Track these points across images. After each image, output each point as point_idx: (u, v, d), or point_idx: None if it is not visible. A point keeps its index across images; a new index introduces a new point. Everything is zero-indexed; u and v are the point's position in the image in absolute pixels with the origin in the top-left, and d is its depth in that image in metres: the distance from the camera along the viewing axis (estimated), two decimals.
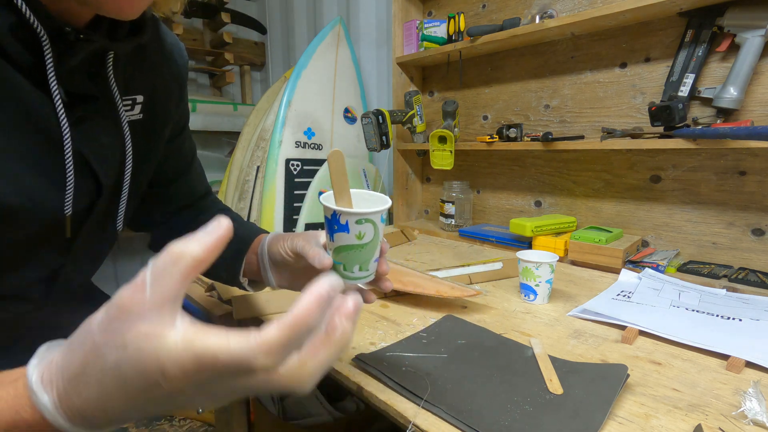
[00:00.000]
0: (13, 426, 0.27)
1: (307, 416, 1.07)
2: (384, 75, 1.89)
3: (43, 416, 0.27)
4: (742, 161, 0.99)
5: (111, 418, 0.27)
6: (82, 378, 0.26)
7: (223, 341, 0.25)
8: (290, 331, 0.26)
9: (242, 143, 1.87)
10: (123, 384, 0.26)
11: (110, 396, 0.26)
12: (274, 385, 0.27)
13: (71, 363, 0.27)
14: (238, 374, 0.26)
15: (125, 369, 0.25)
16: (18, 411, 0.27)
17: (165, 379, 0.25)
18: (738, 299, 0.83)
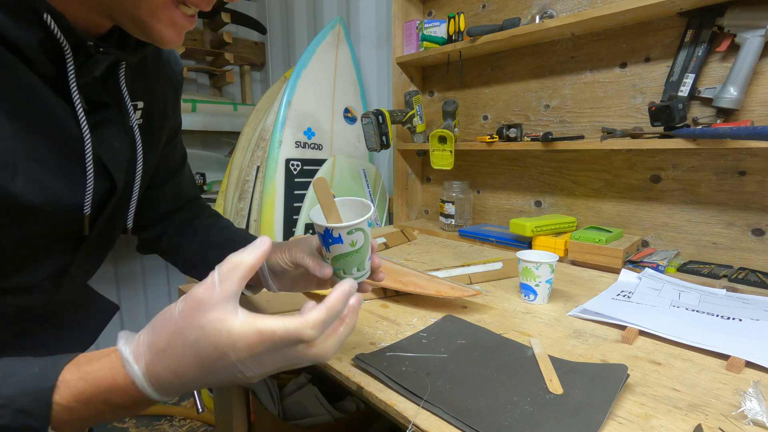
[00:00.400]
0: (110, 389, 0.34)
1: (307, 416, 1.07)
2: (384, 75, 1.89)
3: (133, 382, 0.34)
4: (742, 161, 0.99)
5: (183, 386, 0.35)
6: (166, 353, 0.35)
7: (278, 321, 0.35)
8: (327, 313, 0.37)
9: (242, 143, 1.87)
10: (199, 356, 0.34)
11: (188, 366, 0.34)
12: (308, 355, 0.37)
13: (157, 342, 0.35)
14: (288, 345, 0.35)
15: (203, 344, 0.34)
16: (114, 377, 0.34)
17: (234, 350, 0.34)
18: (738, 299, 0.83)
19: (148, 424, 1.88)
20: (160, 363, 0.35)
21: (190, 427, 1.88)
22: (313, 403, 1.07)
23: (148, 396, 0.35)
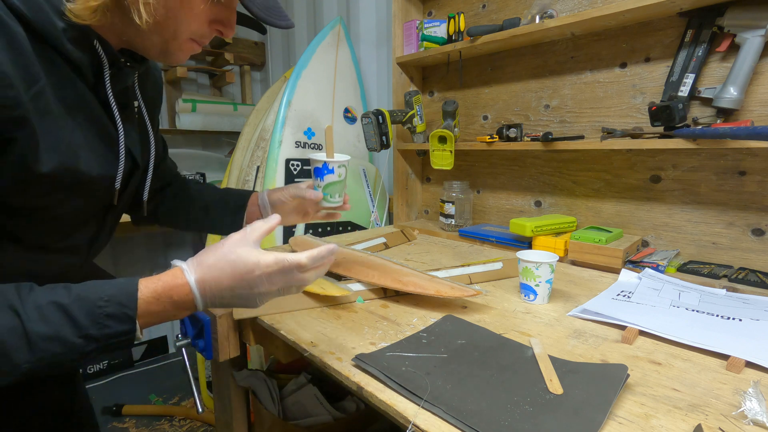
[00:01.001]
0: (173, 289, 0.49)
1: (307, 416, 1.07)
2: (384, 75, 1.89)
3: (188, 284, 0.49)
4: (742, 161, 0.99)
5: (218, 291, 0.50)
6: (212, 267, 0.50)
7: (288, 253, 0.52)
8: (317, 253, 0.53)
9: (242, 143, 1.87)
10: (235, 269, 0.50)
11: (225, 276, 0.50)
12: (299, 278, 0.53)
13: (206, 260, 0.51)
14: (292, 270, 0.52)
15: (238, 262, 0.50)
16: (176, 281, 0.49)
17: (258, 267, 0.50)
18: (738, 299, 0.83)
19: (148, 424, 1.88)
20: (207, 273, 0.50)
21: (190, 427, 1.88)
22: (313, 403, 1.07)
23: (196, 298, 0.49)
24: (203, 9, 0.55)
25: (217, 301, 0.51)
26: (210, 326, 0.80)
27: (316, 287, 0.83)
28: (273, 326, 0.74)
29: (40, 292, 0.43)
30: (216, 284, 0.50)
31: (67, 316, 0.42)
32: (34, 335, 0.41)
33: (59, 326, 0.42)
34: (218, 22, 0.58)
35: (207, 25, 0.57)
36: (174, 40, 0.55)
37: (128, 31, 0.54)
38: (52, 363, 0.42)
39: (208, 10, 0.55)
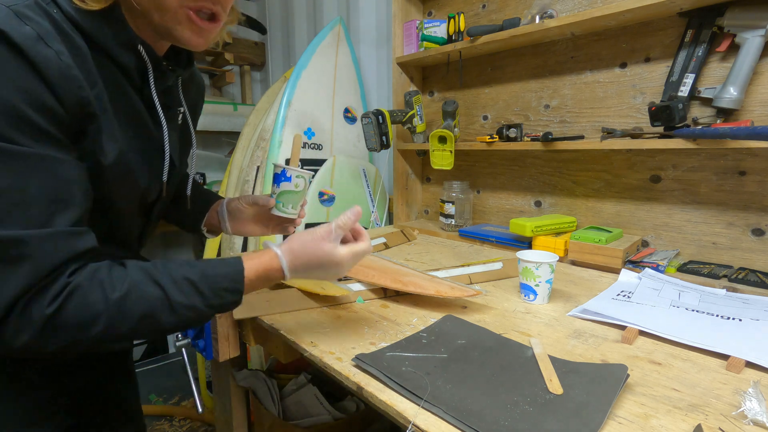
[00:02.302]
0: (270, 269, 0.60)
1: (307, 416, 1.07)
2: (384, 75, 1.89)
3: (281, 268, 0.60)
4: (742, 161, 0.99)
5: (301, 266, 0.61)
6: (299, 254, 0.61)
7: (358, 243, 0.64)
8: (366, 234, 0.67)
9: (242, 143, 1.86)
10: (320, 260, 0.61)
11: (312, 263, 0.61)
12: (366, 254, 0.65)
13: (293, 249, 0.61)
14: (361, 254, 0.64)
15: (321, 255, 0.61)
16: (272, 264, 0.60)
17: (336, 257, 0.61)
18: (738, 299, 0.83)
19: (148, 424, 1.88)
20: (297, 260, 0.61)
21: (190, 427, 1.88)
22: (313, 403, 1.07)
23: (286, 276, 0.61)
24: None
25: (299, 275, 0.63)
26: (210, 326, 0.80)
27: (316, 287, 0.83)
28: (273, 326, 0.74)
29: (172, 268, 0.54)
30: (303, 267, 0.62)
31: (197, 290, 0.54)
32: (176, 304, 0.52)
33: (192, 297, 0.53)
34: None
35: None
36: (167, 12, 0.54)
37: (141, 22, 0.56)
38: (186, 324, 0.55)
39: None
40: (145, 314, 0.50)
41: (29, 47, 0.44)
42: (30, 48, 0.44)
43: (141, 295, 0.50)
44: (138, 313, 0.50)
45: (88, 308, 0.47)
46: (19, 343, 0.45)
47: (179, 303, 0.52)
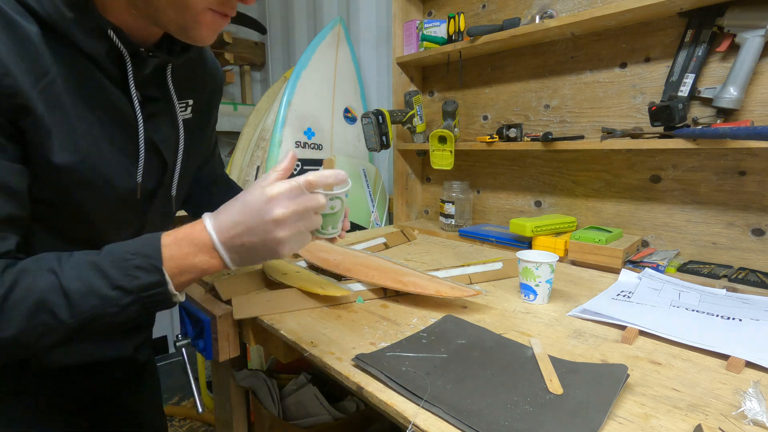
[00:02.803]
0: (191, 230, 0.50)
1: (307, 416, 1.07)
2: (384, 75, 1.89)
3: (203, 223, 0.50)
4: (742, 161, 0.99)
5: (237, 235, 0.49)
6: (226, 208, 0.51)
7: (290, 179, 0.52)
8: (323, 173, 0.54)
9: (242, 143, 1.87)
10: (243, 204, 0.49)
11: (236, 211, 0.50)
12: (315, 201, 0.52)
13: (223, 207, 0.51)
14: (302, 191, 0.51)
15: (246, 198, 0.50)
16: (194, 225, 0.50)
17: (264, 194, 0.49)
18: (738, 299, 0.83)
19: None
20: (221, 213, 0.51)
21: (190, 427, 1.88)
22: (313, 403, 1.07)
23: (211, 234, 0.49)
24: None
25: (236, 241, 0.49)
26: (210, 326, 0.80)
27: (316, 287, 0.83)
28: (273, 326, 0.74)
29: (77, 255, 0.47)
30: (229, 220, 0.49)
31: (99, 270, 0.45)
32: (71, 291, 0.44)
33: (93, 280, 0.45)
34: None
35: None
36: (188, 11, 0.49)
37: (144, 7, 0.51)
38: (94, 317, 0.45)
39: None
40: (34, 310, 0.42)
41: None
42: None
43: (29, 287, 0.43)
44: (24, 309, 0.42)
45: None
46: None
47: (75, 290, 0.44)
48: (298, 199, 0.50)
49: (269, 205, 0.49)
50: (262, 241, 0.50)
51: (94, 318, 0.45)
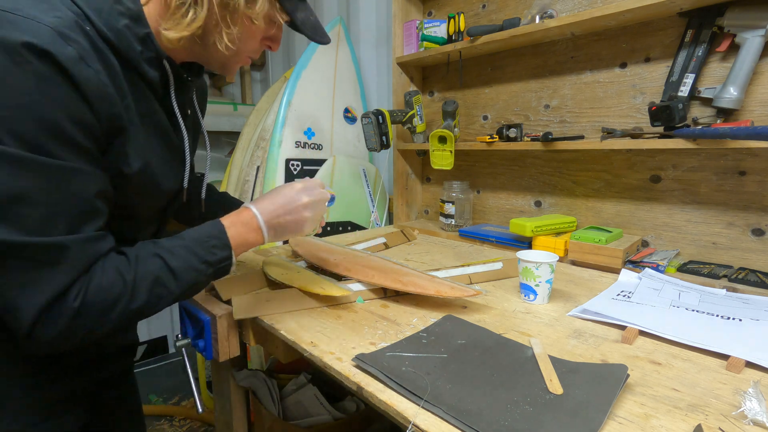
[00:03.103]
0: (241, 213, 0.66)
1: (307, 416, 1.07)
2: (384, 75, 1.89)
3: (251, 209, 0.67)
4: (742, 161, 0.99)
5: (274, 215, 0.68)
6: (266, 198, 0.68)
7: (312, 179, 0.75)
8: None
9: (242, 143, 1.86)
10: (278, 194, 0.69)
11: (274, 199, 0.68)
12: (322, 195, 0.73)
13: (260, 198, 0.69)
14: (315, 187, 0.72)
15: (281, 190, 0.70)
16: (242, 211, 0.67)
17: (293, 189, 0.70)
18: (738, 299, 0.83)
19: (148, 424, 1.88)
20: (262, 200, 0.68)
21: (190, 427, 1.88)
22: (313, 403, 1.07)
23: (257, 216, 0.66)
24: (263, 32, 0.66)
25: (273, 221, 0.67)
26: (210, 326, 0.80)
27: (316, 287, 0.83)
28: (273, 326, 0.74)
29: (165, 242, 0.60)
30: (270, 205, 0.68)
31: (190, 251, 0.59)
32: (176, 269, 0.57)
33: (188, 259, 0.59)
34: (269, 39, 0.68)
35: (260, 42, 0.67)
36: (236, 57, 0.65)
37: (197, 49, 0.64)
38: (191, 285, 0.60)
39: (265, 30, 0.66)
40: (153, 285, 0.56)
41: (72, 68, 0.48)
42: (73, 68, 0.48)
43: (146, 270, 0.56)
44: (147, 284, 0.55)
45: (107, 293, 0.52)
46: (47, 338, 0.49)
47: (179, 267, 0.58)
48: (316, 191, 0.72)
49: (300, 194, 0.70)
50: (294, 221, 0.69)
51: (191, 286, 0.60)
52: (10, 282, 0.48)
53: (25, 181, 0.46)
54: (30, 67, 0.46)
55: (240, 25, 0.61)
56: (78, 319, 0.50)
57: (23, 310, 0.48)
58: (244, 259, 1.11)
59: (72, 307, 0.50)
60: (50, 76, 0.47)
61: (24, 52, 0.45)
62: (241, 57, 0.66)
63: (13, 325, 0.49)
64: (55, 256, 0.49)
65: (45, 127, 0.47)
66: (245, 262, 1.10)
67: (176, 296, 0.59)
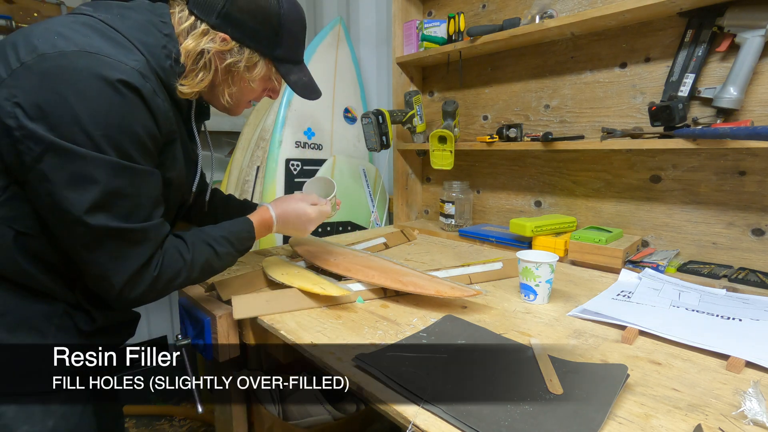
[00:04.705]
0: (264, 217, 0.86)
1: (307, 416, 1.07)
2: (384, 75, 1.89)
3: (272, 219, 0.87)
4: (742, 161, 0.99)
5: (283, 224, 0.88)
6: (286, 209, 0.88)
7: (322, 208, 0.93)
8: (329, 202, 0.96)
9: (242, 143, 1.86)
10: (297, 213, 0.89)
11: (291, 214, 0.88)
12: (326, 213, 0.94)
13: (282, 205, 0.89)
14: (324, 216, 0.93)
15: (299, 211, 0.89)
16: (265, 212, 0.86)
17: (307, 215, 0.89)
18: (738, 299, 0.83)
19: (148, 424, 1.88)
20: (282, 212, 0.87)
21: (190, 427, 1.88)
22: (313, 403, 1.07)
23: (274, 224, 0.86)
24: (262, 87, 0.79)
25: (281, 228, 0.88)
26: (210, 326, 0.80)
27: (316, 287, 0.83)
28: (273, 326, 0.74)
29: (210, 231, 0.76)
30: (284, 216, 0.87)
31: (230, 242, 0.77)
32: (221, 254, 0.75)
33: (229, 247, 0.76)
34: (270, 90, 0.82)
35: (261, 94, 0.81)
36: (239, 104, 0.80)
37: (207, 96, 0.78)
38: (228, 264, 0.78)
39: (266, 84, 0.79)
40: (204, 263, 0.73)
41: (150, 99, 0.62)
42: (150, 99, 0.63)
43: (201, 252, 0.72)
44: (200, 264, 0.72)
45: (175, 267, 0.68)
46: (132, 297, 0.64)
47: (223, 252, 0.75)
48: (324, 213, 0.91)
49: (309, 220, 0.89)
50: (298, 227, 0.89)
51: (227, 264, 0.78)
52: (105, 255, 0.61)
53: (120, 181, 0.60)
54: (126, 97, 0.60)
55: (239, 84, 0.75)
56: (154, 284, 0.66)
57: (116, 276, 0.62)
58: (244, 260, 1.11)
59: (152, 275, 0.65)
60: (138, 104, 0.61)
61: (120, 86, 0.59)
62: (242, 106, 0.81)
63: (105, 288, 0.63)
64: (140, 237, 0.63)
65: (133, 140, 0.61)
66: (245, 262, 1.10)
67: (216, 271, 0.76)
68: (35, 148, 0.56)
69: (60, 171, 0.57)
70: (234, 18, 0.70)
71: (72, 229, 0.60)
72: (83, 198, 0.58)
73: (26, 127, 0.55)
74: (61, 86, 0.56)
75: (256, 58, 0.73)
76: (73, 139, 0.57)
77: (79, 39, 0.59)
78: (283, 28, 0.74)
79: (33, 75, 0.56)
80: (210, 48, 0.69)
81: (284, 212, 0.87)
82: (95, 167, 0.58)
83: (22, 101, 0.56)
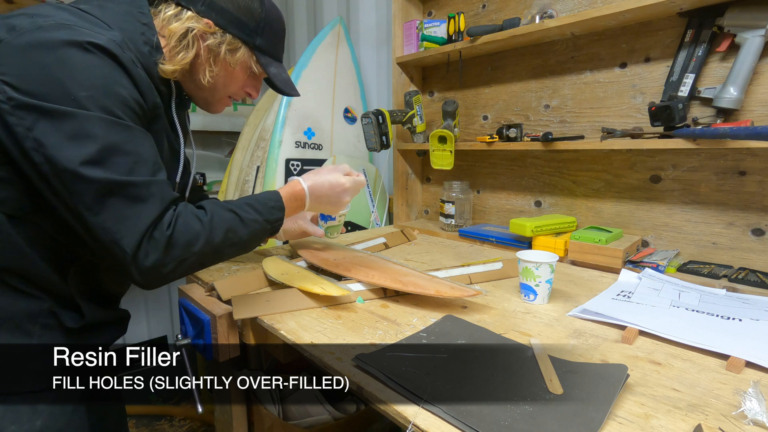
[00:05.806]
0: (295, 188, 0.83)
1: (307, 416, 1.07)
2: (384, 75, 1.89)
3: (304, 189, 0.84)
4: (742, 161, 0.99)
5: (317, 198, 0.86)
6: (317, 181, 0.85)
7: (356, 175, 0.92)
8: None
9: (242, 143, 1.86)
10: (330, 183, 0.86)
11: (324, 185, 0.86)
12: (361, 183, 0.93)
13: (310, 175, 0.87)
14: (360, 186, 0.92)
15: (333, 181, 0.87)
16: (295, 184, 0.84)
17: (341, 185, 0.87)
18: (738, 299, 0.83)
19: (148, 424, 1.88)
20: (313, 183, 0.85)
21: (190, 427, 1.88)
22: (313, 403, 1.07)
23: (306, 196, 0.84)
24: (242, 78, 0.80)
25: (314, 204, 0.86)
26: (210, 326, 0.80)
27: (316, 287, 0.83)
28: (273, 326, 0.74)
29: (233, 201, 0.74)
30: (317, 187, 0.85)
31: (255, 209, 0.74)
32: (246, 220, 0.72)
33: (254, 213, 0.74)
34: (250, 86, 0.83)
35: (241, 89, 0.82)
36: (217, 93, 0.79)
37: (188, 85, 0.78)
38: (256, 234, 0.75)
39: (246, 79, 0.80)
40: (227, 229, 0.70)
41: (129, 66, 0.63)
42: (130, 67, 0.63)
43: (222, 217, 0.70)
44: (223, 229, 0.69)
45: (191, 229, 0.65)
46: (149, 263, 0.61)
47: (247, 218, 0.73)
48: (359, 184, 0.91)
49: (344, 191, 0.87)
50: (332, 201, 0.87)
51: (254, 236, 0.74)
52: (111, 217, 0.59)
53: (116, 136, 0.59)
54: (105, 61, 0.60)
55: (221, 67, 0.76)
56: (170, 248, 0.62)
57: (125, 238, 0.59)
58: (244, 259, 1.11)
59: (165, 235, 0.62)
60: (117, 69, 0.61)
61: (89, 47, 0.58)
62: (221, 95, 0.80)
63: (118, 255, 0.60)
64: (144, 193, 0.61)
65: (118, 101, 0.60)
66: (246, 262, 1.10)
67: (244, 242, 0.73)
68: (27, 117, 0.56)
69: (55, 133, 0.57)
70: (218, 6, 0.73)
71: (73, 190, 0.58)
72: (81, 152, 0.57)
73: (15, 98, 0.56)
74: (42, 56, 0.57)
75: (237, 43, 0.75)
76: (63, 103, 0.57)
77: (57, 15, 0.60)
78: (264, 22, 0.77)
79: (14, 49, 0.56)
80: (194, 27, 0.71)
81: (316, 183, 0.84)
82: (91, 124, 0.58)
83: (7, 76, 0.56)
